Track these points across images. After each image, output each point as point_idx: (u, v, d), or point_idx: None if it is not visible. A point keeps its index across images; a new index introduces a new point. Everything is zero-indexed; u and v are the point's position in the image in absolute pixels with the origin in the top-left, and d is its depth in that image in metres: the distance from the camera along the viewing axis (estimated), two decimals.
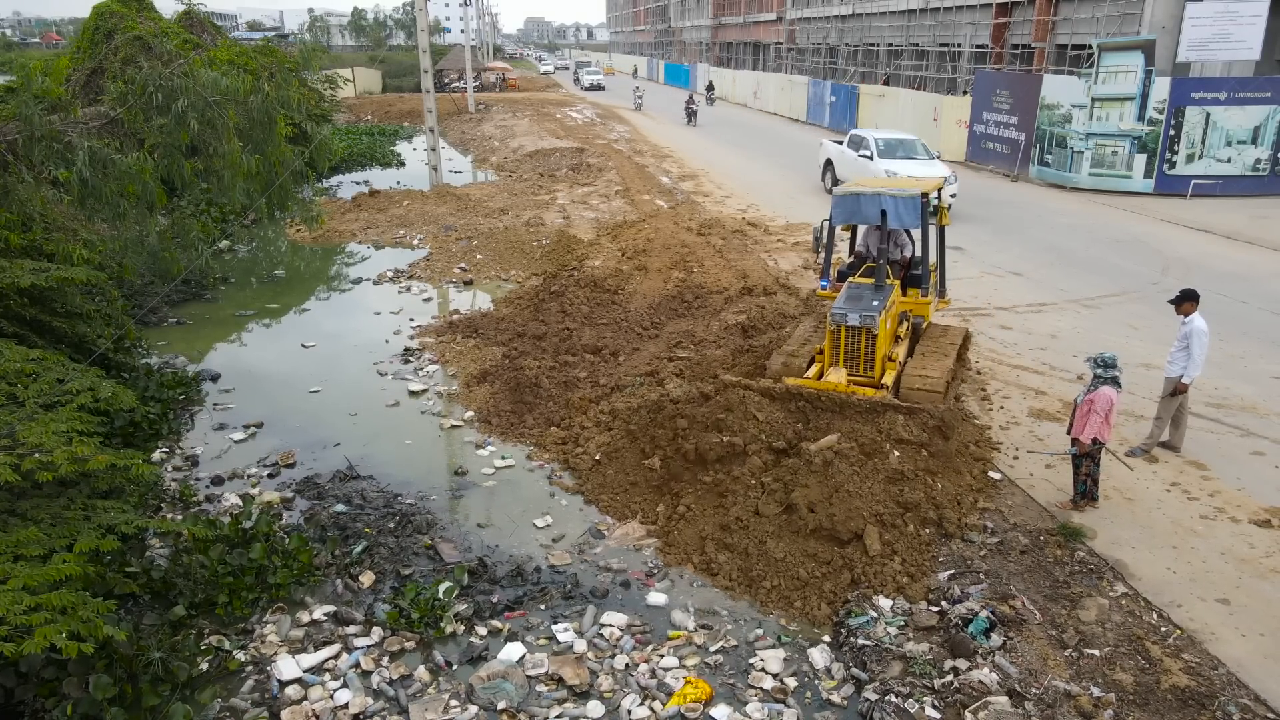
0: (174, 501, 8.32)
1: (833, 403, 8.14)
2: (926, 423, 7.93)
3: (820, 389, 8.31)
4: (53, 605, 4.77)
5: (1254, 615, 6.35)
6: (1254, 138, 21.44)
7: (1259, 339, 11.81)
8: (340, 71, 48.83)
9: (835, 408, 8.11)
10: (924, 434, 7.87)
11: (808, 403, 8.21)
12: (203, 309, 14.68)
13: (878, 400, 8.13)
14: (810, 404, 8.20)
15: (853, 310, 8.60)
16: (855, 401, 8.10)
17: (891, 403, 8.13)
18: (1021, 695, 5.59)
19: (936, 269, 10.43)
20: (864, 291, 9.12)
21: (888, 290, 9.10)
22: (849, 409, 8.07)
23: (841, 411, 8.07)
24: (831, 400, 8.15)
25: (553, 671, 6.06)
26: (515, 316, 13.48)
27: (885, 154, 20.28)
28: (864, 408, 8.04)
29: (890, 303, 9.01)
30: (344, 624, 6.60)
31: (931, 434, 7.89)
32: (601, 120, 42.84)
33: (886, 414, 7.98)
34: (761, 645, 6.38)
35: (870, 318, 8.52)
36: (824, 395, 8.20)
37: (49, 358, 7.47)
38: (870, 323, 8.51)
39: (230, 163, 11.11)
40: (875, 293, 9.05)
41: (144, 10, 24.15)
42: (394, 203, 22.91)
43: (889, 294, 9.05)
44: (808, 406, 8.20)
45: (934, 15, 36.00)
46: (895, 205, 9.07)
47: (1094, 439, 7.41)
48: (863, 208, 9.29)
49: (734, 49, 68.14)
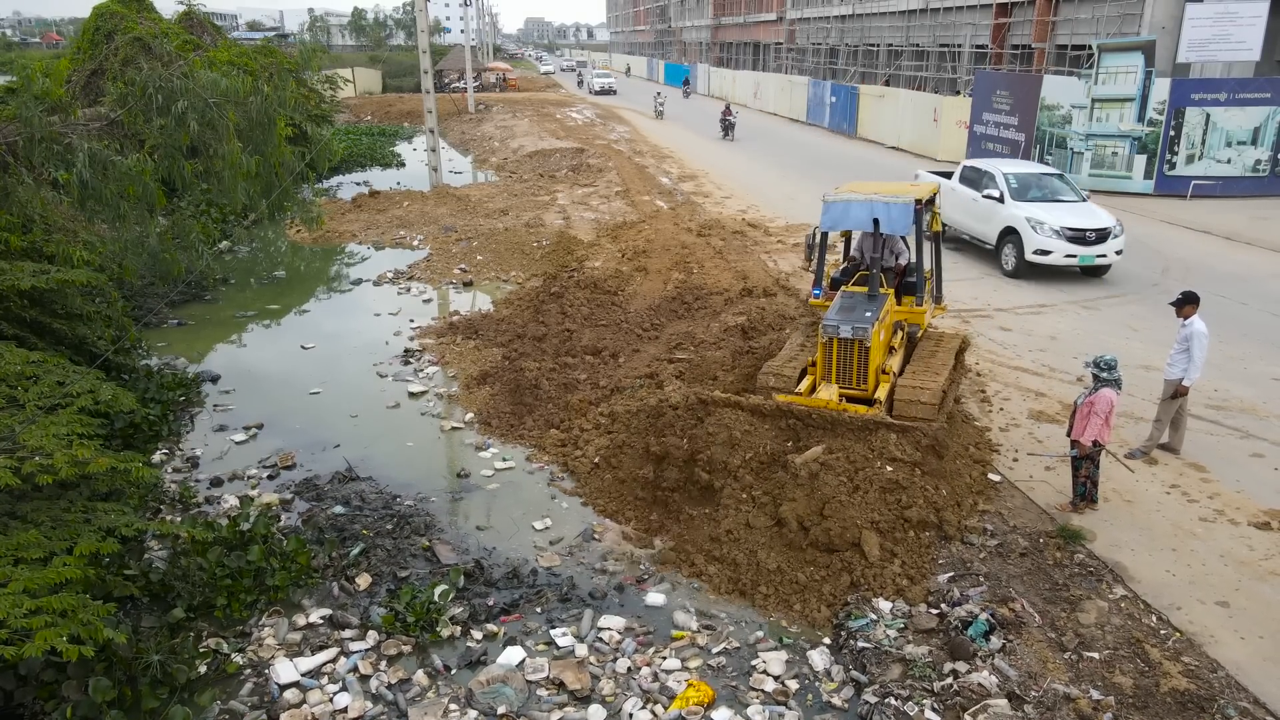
0: (174, 503, 8.33)
1: (824, 420, 7.91)
2: (920, 441, 7.70)
3: (811, 405, 8.10)
4: (53, 608, 4.76)
5: (1254, 618, 6.35)
6: (1254, 139, 21.45)
7: (1259, 340, 11.81)
8: (340, 72, 48.80)
9: (826, 425, 7.89)
10: (917, 453, 7.66)
11: (798, 420, 8.00)
12: (203, 310, 14.69)
13: (870, 418, 7.90)
14: (801, 421, 7.99)
15: (845, 321, 8.36)
16: (847, 420, 7.87)
17: (884, 420, 7.90)
18: (1021, 698, 5.59)
19: (932, 276, 10.17)
20: (857, 301, 8.83)
21: (881, 299, 8.83)
22: (840, 426, 7.84)
23: (833, 429, 7.86)
24: (823, 418, 7.92)
25: (554, 676, 6.05)
26: (515, 318, 13.48)
27: (1020, 194, 15.52)
28: (856, 425, 7.82)
29: (884, 312, 8.75)
30: (339, 628, 6.59)
31: (925, 453, 7.68)
32: (601, 121, 42.84)
33: (879, 432, 7.75)
34: (763, 647, 6.39)
35: (863, 329, 8.26)
36: (815, 413, 7.97)
37: (49, 360, 7.47)
38: (863, 335, 8.27)
39: (230, 164, 11.09)
40: (869, 302, 8.76)
41: (144, 11, 24.17)
42: (394, 203, 22.91)
43: (883, 303, 8.77)
44: (798, 424, 8.00)
45: (934, 15, 36.01)
46: (888, 211, 8.82)
47: (1094, 441, 7.41)
48: (854, 214, 8.99)
49: (734, 49, 68.14)
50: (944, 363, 9.07)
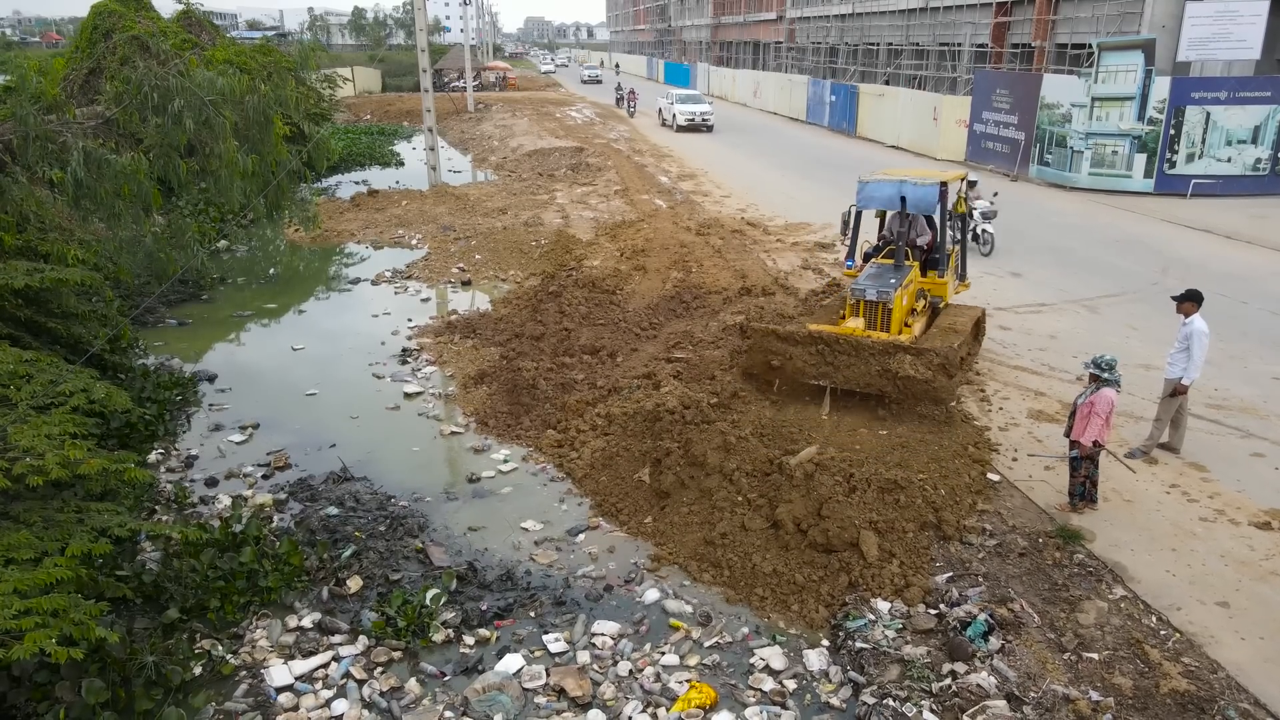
0: (169, 504, 8.28)
1: (849, 345, 8.99)
2: (931, 361, 8.67)
3: (839, 333, 9.20)
4: (43, 609, 4.73)
5: (1254, 618, 6.31)
6: (1254, 137, 21.39)
7: (1259, 340, 11.77)
8: (339, 71, 48.75)
9: (851, 350, 8.97)
10: (928, 371, 8.61)
11: (827, 345, 9.07)
12: (200, 310, 14.65)
13: (889, 341, 9.00)
14: (829, 346, 9.06)
15: (871, 286, 9.50)
16: (869, 344, 8.95)
17: (901, 344, 8.95)
18: (1020, 699, 5.55)
19: (956, 254, 11.24)
20: (884, 270, 9.98)
21: (906, 270, 9.94)
22: (863, 350, 8.93)
23: (857, 353, 8.94)
24: (848, 343, 9.00)
25: (554, 684, 5.97)
26: (513, 317, 13.44)
27: None
28: (877, 349, 8.89)
29: (908, 281, 9.80)
30: (328, 633, 6.52)
31: (935, 371, 8.63)
32: (601, 120, 42.79)
33: (896, 354, 8.80)
34: (759, 643, 6.37)
35: (886, 293, 9.39)
36: (842, 339, 9.06)
37: (42, 359, 7.43)
38: (886, 297, 9.37)
39: (227, 162, 11.08)
40: (894, 272, 9.89)
41: (142, 10, 24.10)
42: (392, 202, 22.87)
43: (907, 273, 9.87)
44: (826, 349, 9.06)
45: (934, 14, 35.94)
46: (915, 192, 9.90)
47: (1094, 441, 7.37)
48: (885, 193, 10.14)
49: (734, 48, 68.08)
50: (962, 328, 10.05)
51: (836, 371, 9.05)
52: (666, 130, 38.59)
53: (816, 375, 9.18)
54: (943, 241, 10.61)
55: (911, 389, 8.82)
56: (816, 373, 9.14)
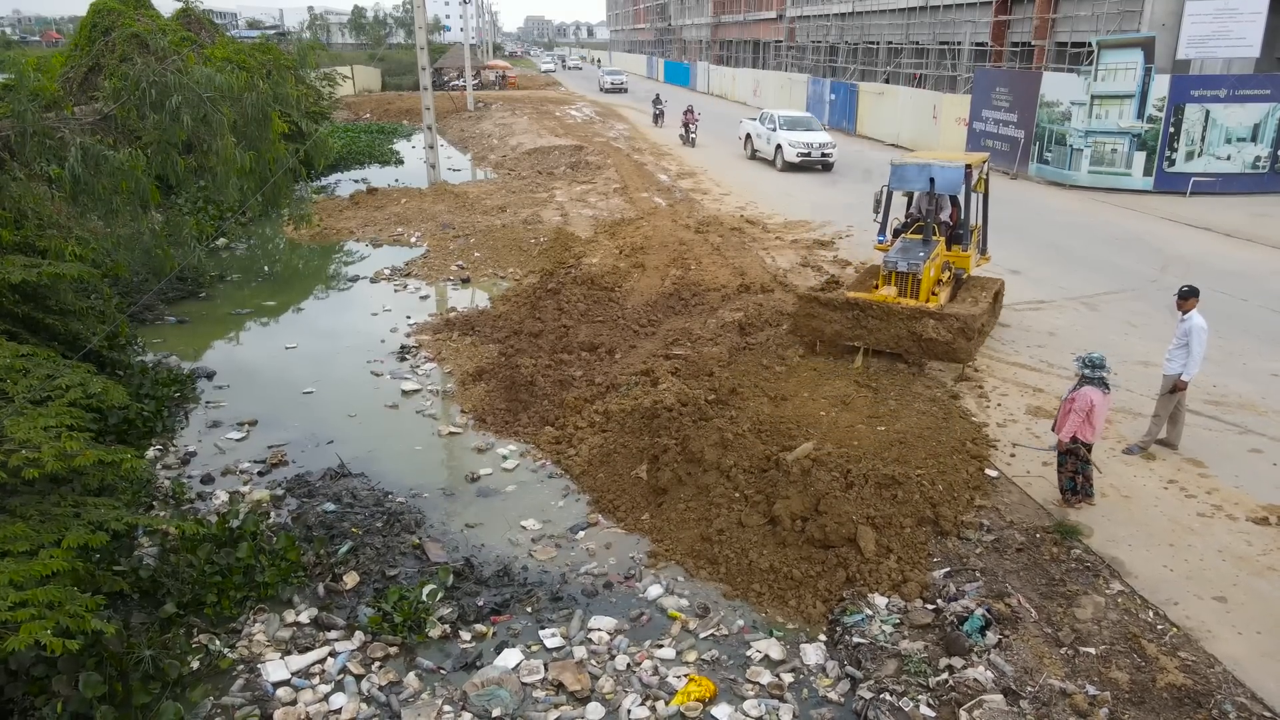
0: (166, 500, 8.28)
1: (881, 310, 10.11)
2: (952, 325, 9.77)
3: (872, 299, 10.35)
4: (39, 600, 4.72)
5: (1251, 613, 6.31)
6: (1254, 135, 21.37)
7: (1258, 336, 11.77)
8: (339, 69, 48.58)
9: (882, 314, 10.09)
10: (949, 334, 9.68)
11: (861, 310, 10.18)
12: (199, 307, 14.64)
13: (916, 307, 10.12)
14: (863, 311, 10.17)
15: (902, 259, 10.64)
16: (899, 309, 10.07)
17: (927, 309, 10.09)
18: (1017, 694, 5.55)
19: (979, 229, 12.41)
20: (913, 245, 11.12)
21: (933, 244, 11.03)
22: (893, 315, 10.05)
23: (887, 317, 10.06)
24: (880, 308, 10.11)
25: (553, 678, 5.97)
26: (512, 314, 13.44)
27: None
28: (905, 314, 10.01)
29: (934, 254, 10.87)
30: (325, 628, 6.51)
31: (956, 335, 9.70)
32: (600, 118, 42.77)
33: (922, 319, 9.89)
34: (755, 636, 6.37)
35: (916, 265, 10.52)
36: (875, 305, 10.16)
37: (39, 354, 7.43)
38: (916, 269, 10.50)
39: (224, 159, 11.07)
40: (922, 246, 11.01)
41: (142, 8, 24.08)
42: (392, 200, 22.86)
43: (933, 247, 10.96)
44: (860, 314, 10.18)
45: (934, 13, 35.93)
46: (942, 173, 11.09)
47: (1073, 438, 7.33)
48: (915, 175, 11.34)
49: (734, 47, 68.04)
50: (983, 299, 11.27)
51: (869, 334, 10.17)
52: (742, 161, 28.33)
53: (852, 337, 10.31)
54: (966, 218, 11.84)
55: (934, 349, 9.94)
56: (852, 334, 10.28)
